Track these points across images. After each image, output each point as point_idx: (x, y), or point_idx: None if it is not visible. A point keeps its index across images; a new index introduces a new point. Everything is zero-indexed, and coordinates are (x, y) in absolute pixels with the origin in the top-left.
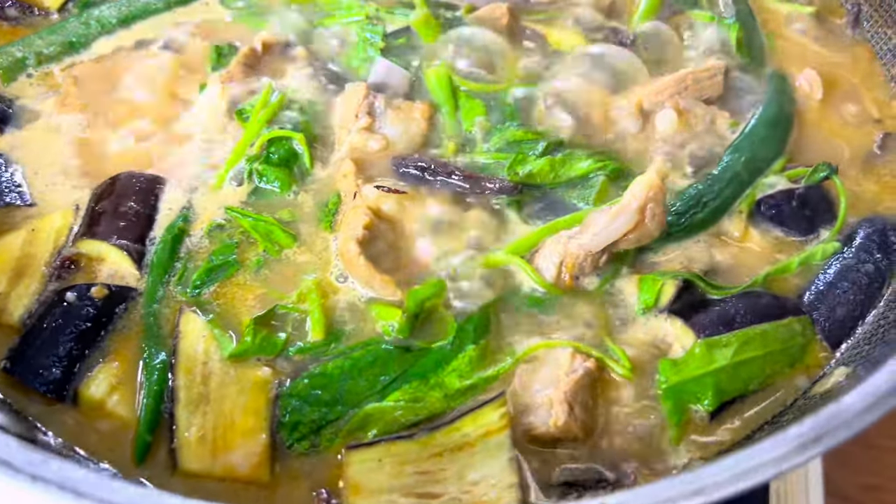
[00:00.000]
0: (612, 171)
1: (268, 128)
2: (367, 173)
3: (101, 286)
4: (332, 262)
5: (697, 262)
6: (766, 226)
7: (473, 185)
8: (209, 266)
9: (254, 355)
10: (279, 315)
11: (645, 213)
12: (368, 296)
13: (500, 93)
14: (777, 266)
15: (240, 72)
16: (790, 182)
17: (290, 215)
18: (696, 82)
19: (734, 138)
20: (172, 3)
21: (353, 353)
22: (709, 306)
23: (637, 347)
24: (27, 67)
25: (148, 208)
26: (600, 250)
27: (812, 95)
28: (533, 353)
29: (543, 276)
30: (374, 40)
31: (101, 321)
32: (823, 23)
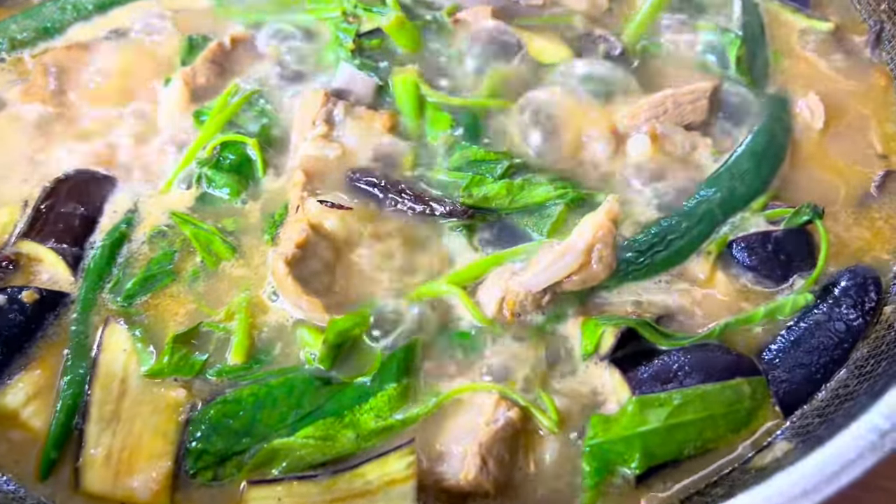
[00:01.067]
0: (571, 199)
1: (224, 131)
2: (319, 184)
3: (33, 291)
4: (267, 279)
5: (654, 304)
6: (736, 270)
7: (423, 207)
8: (145, 275)
9: (171, 375)
10: (203, 333)
11: (592, 254)
12: (297, 317)
13: (469, 106)
14: (739, 317)
15: (205, 68)
16: (769, 223)
17: (233, 224)
18: (676, 106)
19: (714, 169)
20: None
21: (271, 380)
22: (653, 357)
23: (570, 397)
24: (0, 52)
25: (92, 210)
26: (542, 290)
27: (812, 124)
28: (457, 396)
29: (483, 312)
30: (345, 41)
31: (30, 327)
32: (841, 41)
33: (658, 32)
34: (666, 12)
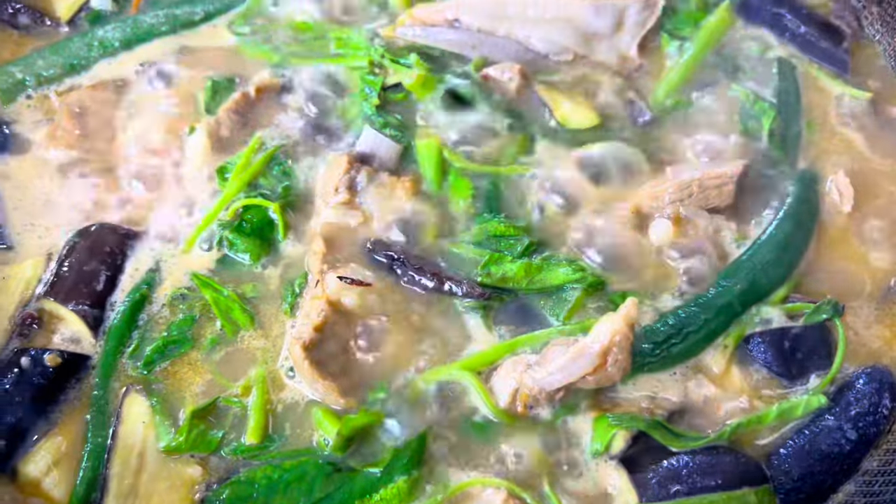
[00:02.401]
0: (589, 284)
1: (247, 192)
2: (338, 252)
3: (56, 354)
4: (284, 353)
5: (668, 398)
6: (751, 366)
7: (440, 286)
8: (165, 341)
9: (188, 451)
10: (221, 408)
11: (608, 357)
12: (311, 397)
13: (492, 175)
14: (751, 417)
15: (228, 119)
16: (788, 317)
17: (253, 291)
18: (702, 189)
19: (736, 257)
20: (178, 26)
21: (284, 463)
22: (662, 459)
23: (577, 497)
24: (27, 88)
25: (114, 268)
26: (556, 389)
27: (840, 206)
28: (465, 490)
29: (496, 401)
30: (371, 94)
31: (53, 391)
32: (880, 112)
33: (689, 95)
34: (698, 72)
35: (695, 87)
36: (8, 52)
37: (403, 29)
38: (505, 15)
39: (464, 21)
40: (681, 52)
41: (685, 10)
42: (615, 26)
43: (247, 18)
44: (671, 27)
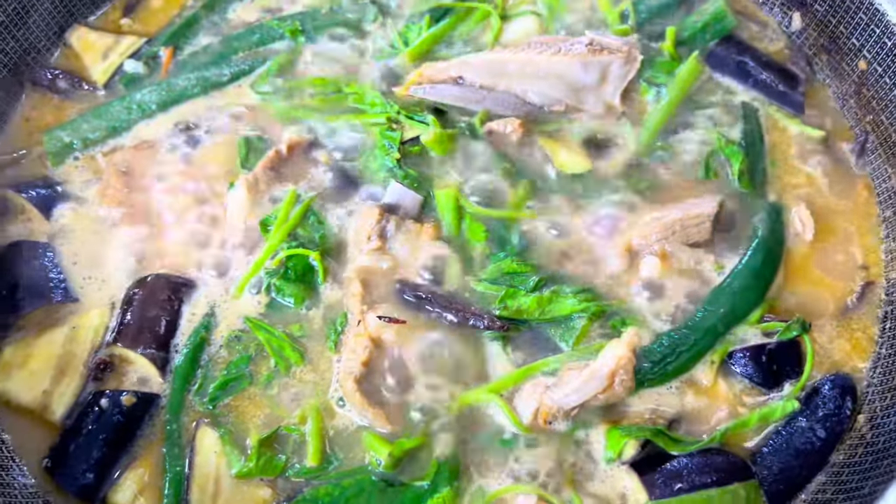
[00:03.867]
0: (593, 313)
1: (289, 241)
2: (373, 293)
3: (131, 395)
4: (333, 386)
5: (668, 408)
6: (734, 378)
7: (465, 320)
8: (225, 378)
9: (258, 475)
10: (282, 435)
11: (615, 379)
12: (361, 423)
13: (502, 219)
14: (736, 422)
15: (265, 175)
16: (763, 335)
17: (300, 330)
18: (683, 228)
19: (717, 284)
20: (208, 87)
21: (343, 481)
22: (666, 461)
23: (597, 499)
24: (74, 151)
25: (172, 314)
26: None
27: (803, 235)
28: (501, 497)
29: (521, 418)
30: (392, 150)
31: (131, 428)
32: (831, 149)
33: (667, 139)
34: (674, 117)
35: (672, 131)
36: (50, 116)
37: (414, 87)
38: (504, 72)
39: (467, 78)
40: (658, 99)
41: (659, 61)
42: (600, 79)
43: (269, 78)
44: (648, 76)
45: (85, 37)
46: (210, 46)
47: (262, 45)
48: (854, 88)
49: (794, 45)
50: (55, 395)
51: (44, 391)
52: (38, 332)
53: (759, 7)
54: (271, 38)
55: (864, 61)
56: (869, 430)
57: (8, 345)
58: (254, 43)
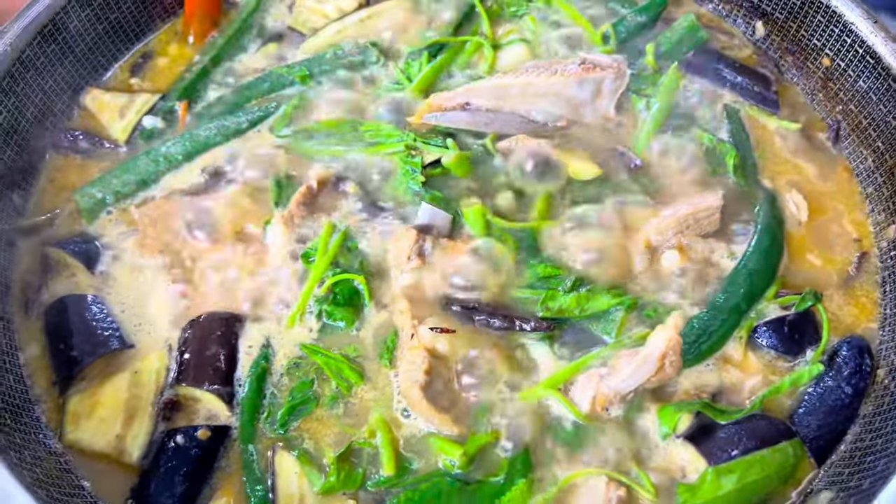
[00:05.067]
0: (628, 305)
1: (332, 269)
2: (419, 310)
3: (205, 429)
4: (395, 398)
5: (708, 385)
6: (762, 350)
7: (511, 324)
8: (291, 404)
9: (340, 490)
10: (355, 450)
11: (665, 361)
12: (428, 430)
13: (529, 229)
14: (770, 389)
15: (299, 211)
16: (782, 308)
17: (355, 351)
18: (696, 221)
19: (732, 268)
20: (230, 135)
21: (421, 486)
22: (716, 431)
23: (659, 472)
24: (107, 205)
25: (230, 349)
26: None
27: (799, 217)
28: (573, 482)
29: (579, 409)
30: (415, 174)
31: (208, 460)
32: (809, 139)
33: (663, 143)
34: (666, 123)
35: (666, 135)
36: (75, 176)
37: (427, 116)
38: (508, 95)
39: (474, 104)
40: (648, 107)
41: (644, 74)
42: (595, 94)
43: (285, 122)
44: (636, 88)
45: (99, 98)
46: (223, 97)
47: (273, 91)
48: (821, 84)
49: (761, 51)
50: (129, 439)
51: (117, 436)
52: (100, 380)
53: (723, 19)
54: (281, 84)
55: (827, 58)
56: (891, 381)
57: (73, 396)
58: (265, 90)
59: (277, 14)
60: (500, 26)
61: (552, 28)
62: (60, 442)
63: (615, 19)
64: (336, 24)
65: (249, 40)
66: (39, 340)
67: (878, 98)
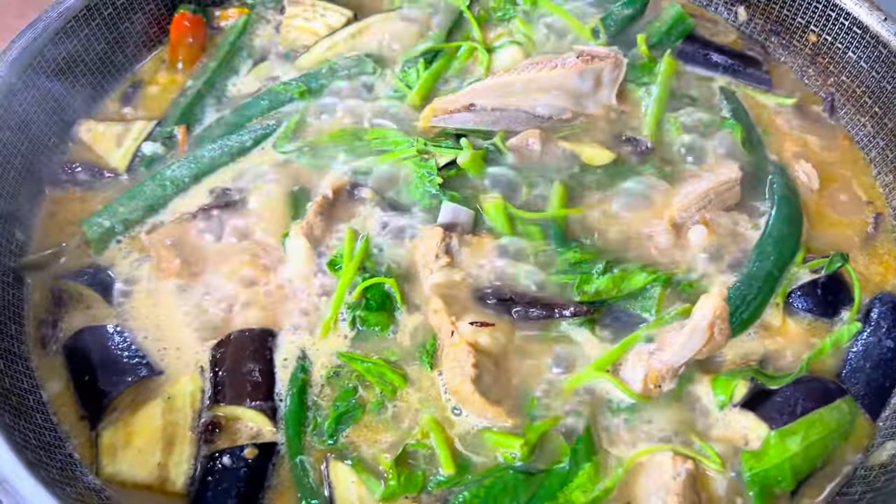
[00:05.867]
0: (663, 282)
1: (360, 274)
2: (453, 307)
3: (252, 447)
4: (443, 397)
5: (753, 353)
6: (799, 315)
7: (550, 312)
8: (337, 414)
9: (402, 494)
10: (410, 453)
11: (714, 329)
12: (482, 425)
13: (552, 218)
14: (814, 351)
15: (318, 220)
16: (812, 272)
17: (393, 355)
18: (717, 195)
19: (758, 237)
20: (235, 154)
21: (484, 481)
22: (771, 396)
23: (720, 443)
24: (116, 234)
25: (265, 364)
26: (680, 364)
27: (811, 186)
28: (637, 461)
29: (632, 388)
30: (432, 176)
31: (258, 480)
32: (806, 113)
33: (666, 126)
34: (667, 107)
35: (670, 118)
36: (77, 208)
37: (434, 119)
38: (512, 92)
39: (479, 104)
40: (648, 94)
41: (639, 63)
42: (596, 85)
43: (288, 138)
44: (633, 77)
45: (93, 129)
46: (223, 118)
47: (272, 109)
48: (809, 60)
49: (745, 35)
50: (171, 466)
51: (158, 464)
52: (132, 410)
53: (705, 8)
54: (280, 101)
55: (813, 35)
56: None
57: (105, 429)
58: (265, 108)
59: (265, 35)
60: (489, 31)
61: (542, 28)
62: (97, 477)
63: (602, 14)
64: (326, 40)
65: (240, 62)
66: (61, 376)
67: (870, 66)
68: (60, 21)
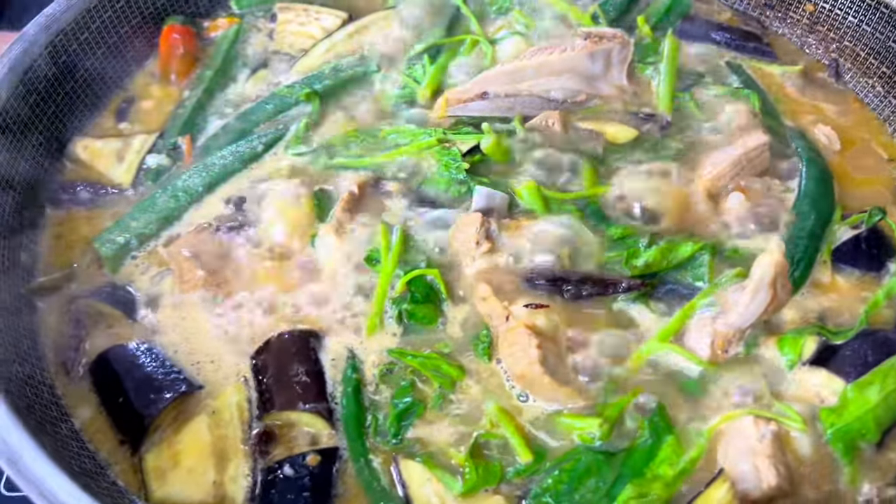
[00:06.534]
0: (710, 249)
1: (400, 267)
2: (501, 293)
3: (314, 454)
4: (506, 385)
5: (810, 311)
6: (846, 271)
7: (603, 289)
8: (397, 411)
9: (482, 487)
10: (482, 444)
11: (776, 286)
12: (551, 409)
13: (586, 197)
14: (870, 303)
15: (346, 218)
16: (852, 228)
17: (446, 347)
18: (749, 161)
19: (794, 199)
20: (247, 160)
21: (565, 465)
22: (839, 351)
23: (795, 402)
24: (131, 250)
25: (313, 365)
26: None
27: (832, 148)
28: (717, 429)
29: (699, 356)
30: (457, 163)
31: (324, 488)
32: (813, 80)
33: (681, 101)
34: (678, 84)
35: (685, 93)
36: (84, 228)
37: (451, 109)
38: (524, 78)
39: (492, 91)
40: (657, 73)
41: (643, 44)
42: (606, 66)
43: (300, 140)
44: (639, 58)
45: (91, 146)
46: (228, 125)
47: (279, 113)
48: (808, 29)
49: (740, 12)
50: (227, 483)
51: (213, 482)
52: (174, 429)
53: None
54: (286, 105)
55: (810, 4)
56: None
57: (149, 452)
58: (271, 113)
59: (258, 43)
60: (488, 25)
61: (541, 17)
62: (148, 502)
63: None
64: (324, 42)
65: (237, 70)
66: (90, 401)
67: (873, 28)
68: (49, 36)
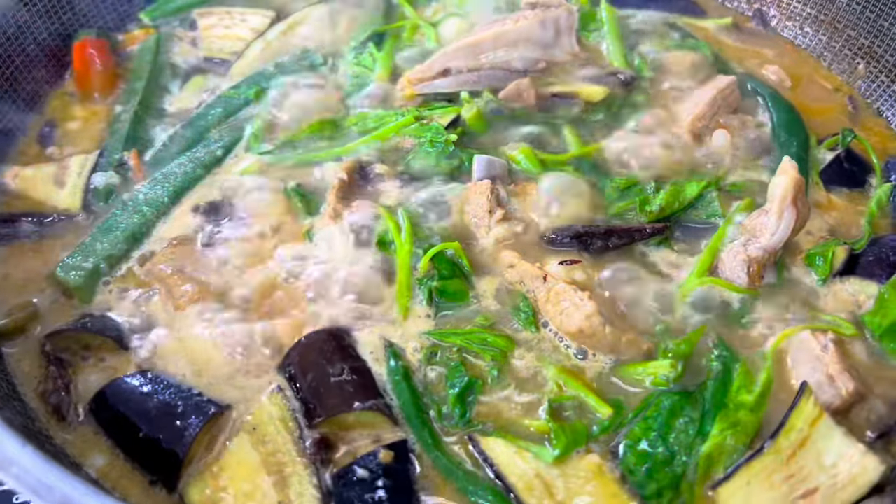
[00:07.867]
0: (716, 182)
1: (416, 246)
2: (527, 255)
3: (385, 450)
4: (561, 346)
5: (820, 229)
6: (836, 190)
7: (628, 237)
8: (455, 395)
9: (574, 449)
10: (556, 408)
11: (798, 202)
12: (611, 362)
13: (581, 156)
14: (867, 215)
15: (340, 204)
16: (829, 150)
17: (486, 320)
18: (724, 100)
19: (770, 129)
20: (209, 165)
21: (648, 412)
22: (861, 259)
23: (840, 310)
24: (101, 276)
25: (355, 361)
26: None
27: (783, 85)
28: (779, 347)
29: (738, 284)
30: (442, 137)
31: (405, 484)
32: (743, 29)
33: (634, 59)
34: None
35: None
36: (35, 261)
37: (419, 87)
38: (482, 50)
39: (453, 67)
40: (602, 38)
41: (582, 13)
42: (556, 33)
43: (261, 140)
44: (582, 26)
45: (21, 174)
46: (176, 134)
47: (229, 116)
48: None
49: None
50: (293, 499)
51: (278, 503)
52: (213, 456)
53: None
54: (235, 107)
55: None
56: None
57: (189, 486)
58: (220, 116)
59: (182, 52)
60: (423, 10)
61: None
62: None
63: None
64: (258, 42)
65: (167, 80)
66: (100, 446)
67: None
68: None
